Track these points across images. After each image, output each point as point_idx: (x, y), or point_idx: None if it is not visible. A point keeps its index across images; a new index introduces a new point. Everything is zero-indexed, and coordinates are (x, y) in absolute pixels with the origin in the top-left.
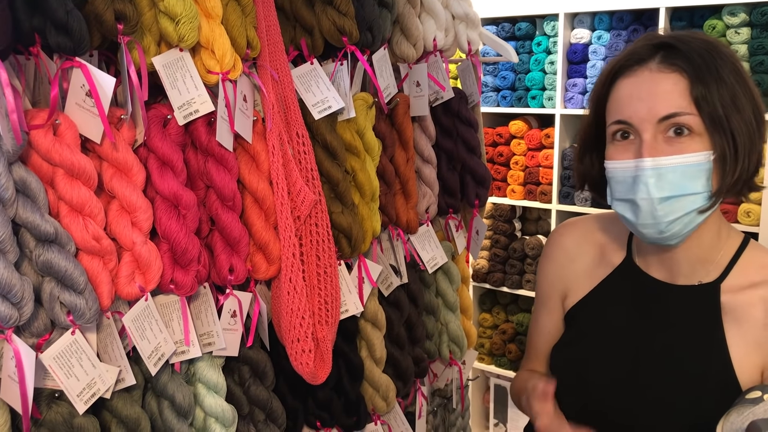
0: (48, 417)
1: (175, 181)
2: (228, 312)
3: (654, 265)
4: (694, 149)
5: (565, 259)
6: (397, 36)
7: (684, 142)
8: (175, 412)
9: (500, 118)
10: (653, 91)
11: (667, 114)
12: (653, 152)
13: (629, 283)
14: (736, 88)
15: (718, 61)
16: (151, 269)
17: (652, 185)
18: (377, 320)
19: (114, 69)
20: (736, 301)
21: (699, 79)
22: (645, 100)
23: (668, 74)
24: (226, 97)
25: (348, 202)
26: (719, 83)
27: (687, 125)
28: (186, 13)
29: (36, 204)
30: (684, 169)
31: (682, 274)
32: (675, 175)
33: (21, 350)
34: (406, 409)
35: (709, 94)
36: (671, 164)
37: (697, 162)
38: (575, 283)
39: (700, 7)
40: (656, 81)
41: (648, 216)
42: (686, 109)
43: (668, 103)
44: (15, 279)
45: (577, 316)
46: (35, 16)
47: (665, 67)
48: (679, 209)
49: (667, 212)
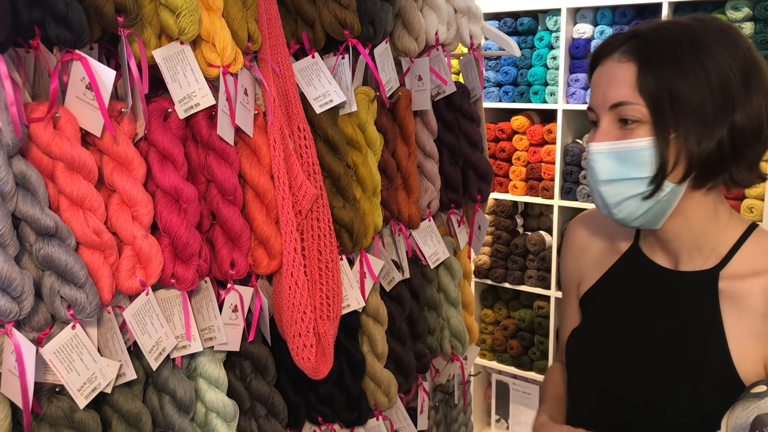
0: (49, 411)
1: (175, 175)
2: (229, 306)
3: (658, 252)
4: (639, 135)
5: (579, 250)
6: (398, 30)
7: (632, 130)
8: (176, 407)
9: (502, 113)
10: (609, 79)
11: (614, 102)
12: (603, 137)
13: (635, 270)
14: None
15: (686, 49)
16: (152, 263)
17: (595, 169)
18: (379, 315)
19: (114, 62)
20: (735, 289)
21: (648, 67)
22: (602, 88)
23: (624, 63)
24: (227, 91)
25: (350, 196)
26: (673, 73)
27: (632, 115)
28: (187, 5)
29: (36, 198)
30: (624, 154)
31: (682, 261)
32: (615, 161)
33: (21, 344)
34: (407, 405)
35: (654, 82)
36: (611, 149)
37: (637, 147)
38: (587, 271)
39: (703, 2)
40: (613, 70)
41: (597, 198)
42: (631, 98)
43: (617, 92)
44: (15, 273)
45: (588, 304)
46: (35, 9)
47: (624, 56)
48: (620, 193)
49: (610, 195)
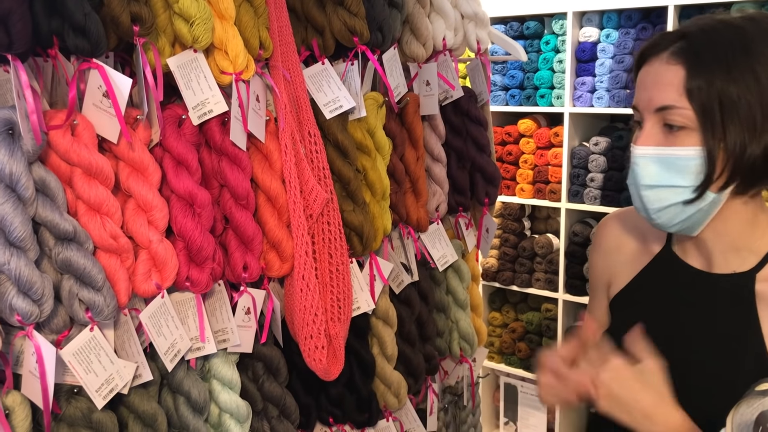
0: (67, 412)
1: (190, 180)
2: (242, 309)
3: (691, 254)
4: (685, 143)
5: (609, 249)
6: (406, 36)
7: (677, 135)
8: (191, 408)
9: (509, 116)
10: (656, 81)
11: (660, 106)
12: (647, 141)
13: (667, 272)
14: (746, 76)
15: (737, 54)
16: (167, 267)
17: (638, 173)
18: (388, 318)
19: (129, 70)
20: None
21: (698, 72)
22: (648, 89)
23: (672, 66)
24: (239, 97)
25: (359, 200)
26: (723, 78)
27: (678, 120)
28: (200, 14)
29: (55, 203)
30: (670, 160)
31: (716, 263)
32: (660, 166)
33: (42, 346)
34: (417, 406)
35: (704, 88)
36: (656, 154)
37: (684, 156)
38: (618, 272)
39: (709, 5)
40: (660, 72)
41: (638, 201)
42: (677, 102)
43: (663, 95)
44: (36, 276)
45: (619, 305)
46: (53, 19)
47: (673, 58)
48: (663, 199)
49: (652, 200)
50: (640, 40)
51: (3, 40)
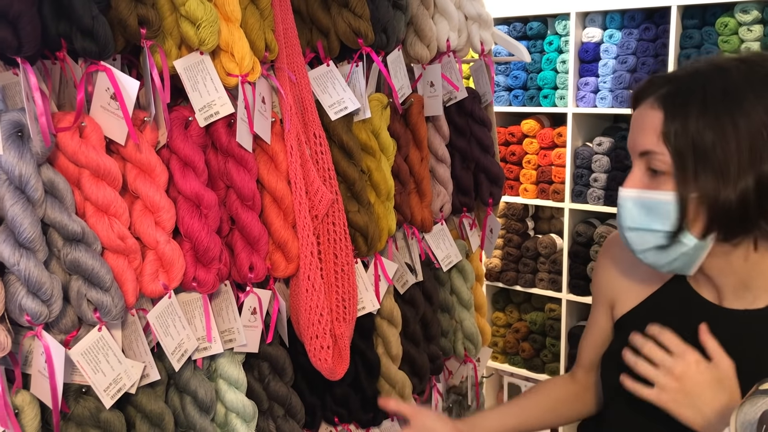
0: (76, 411)
1: (196, 182)
2: (248, 309)
3: (703, 286)
4: (665, 188)
5: (619, 267)
6: (411, 37)
7: (659, 180)
8: (198, 408)
9: (512, 117)
10: (640, 125)
11: (641, 150)
12: (632, 183)
13: (679, 300)
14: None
15: (716, 99)
16: (174, 267)
17: (623, 214)
18: (393, 318)
19: (136, 72)
20: None
21: (674, 116)
22: (634, 133)
23: (654, 111)
24: (245, 99)
25: (364, 201)
26: (699, 122)
27: (658, 165)
28: (206, 17)
29: (64, 204)
30: (650, 204)
31: (727, 299)
32: (641, 210)
33: (51, 346)
34: (421, 406)
35: (679, 133)
36: (638, 198)
37: (662, 200)
38: (625, 293)
39: (712, 5)
40: (644, 116)
41: (624, 242)
42: (656, 147)
43: (644, 140)
44: (45, 277)
45: (626, 326)
46: (62, 22)
47: (656, 103)
48: (645, 242)
49: (636, 242)
50: (643, 41)
51: (12, 42)
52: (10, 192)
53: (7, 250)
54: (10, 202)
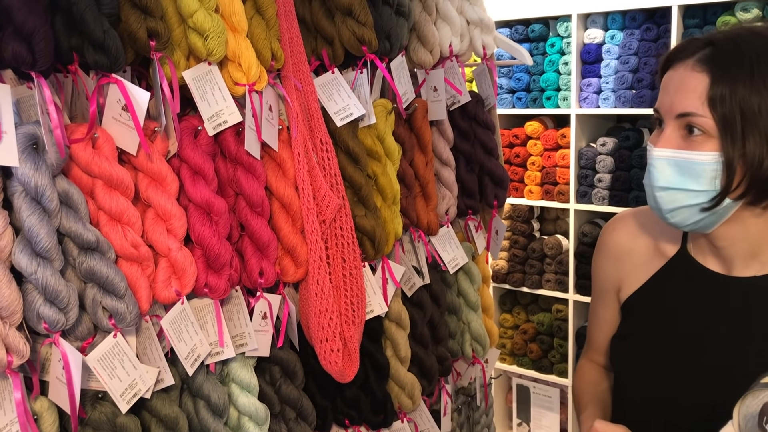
0: (93, 417)
1: (206, 189)
2: (259, 314)
3: (709, 256)
4: (704, 148)
5: (619, 253)
6: (413, 43)
7: (696, 141)
8: (211, 412)
9: (516, 119)
10: (679, 87)
11: (681, 112)
12: (666, 144)
13: (685, 274)
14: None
15: (762, 64)
16: (186, 274)
17: (654, 174)
18: (401, 320)
19: (145, 83)
20: None
21: (721, 80)
22: (671, 94)
23: (697, 73)
24: (252, 108)
25: (371, 205)
26: (747, 87)
27: (698, 126)
28: (214, 28)
29: (78, 214)
30: (686, 164)
31: (736, 267)
32: (675, 169)
33: (68, 353)
34: (431, 407)
35: (727, 97)
36: (673, 157)
37: (701, 161)
38: (630, 275)
39: (712, 4)
40: (684, 78)
41: (652, 201)
42: (699, 110)
43: (685, 102)
44: (61, 285)
45: (634, 308)
46: (74, 36)
47: (698, 65)
48: (676, 201)
49: (666, 202)
50: (645, 41)
51: (27, 58)
52: (27, 203)
53: (25, 260)
54: (27, 212)
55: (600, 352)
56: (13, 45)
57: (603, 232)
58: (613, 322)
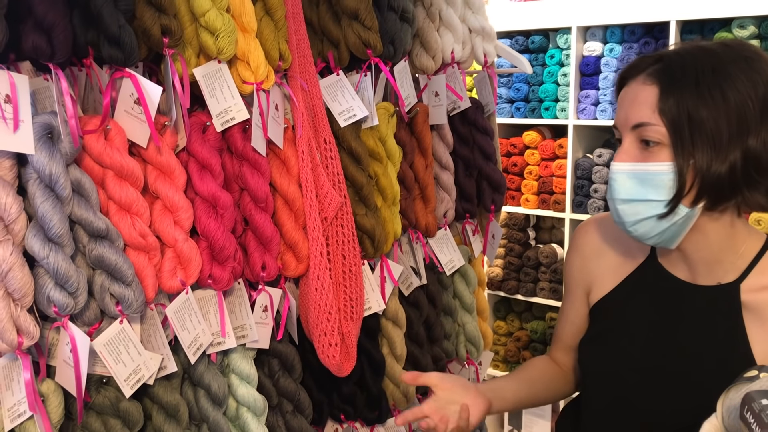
0: (97, 400)
1: (213, 183)
2: (260, 307)
3: (675, 264)
4: (659, 159)
5: (591, 254)
6: (417, 49)
7: (652, 152)
8: (211, 401)
9: (514, 128)
10: (632, 100)
11: (635, 123)
12: (625, 157)
13: (653, 281)
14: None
15: (707, 74)
16: (191, 265)
17: (615, 187)
18: (398, 319)
19: (156, 79)
20: (757, 300)
21: (670, 90)
22: (625, 108)
23: (648, 86)
24: (260, 106)
25: (371, 204)
26: (693, 96)
27: (652, 136)
28: (225, 27)
29: (89, 203)
30: (644, 176)
31: (700, 275)
32: (634, 181)
33: (76, 336)
34: None
35: (674, 105)
36: (631, 170)
37: (657, 171)
38: (600, 278)
39: (710, 20)
40: (636, 92)
41: (615, 215)
42: (651, 119)
43: (638, 113)
44: (72, 271)
45: (602, 311)
46: (90, 31)
47: (649, 79)
48: (638, 213)
49: (628, 214)
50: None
51: (46, 50)
52: (41, 190)
53: (38, 245)
54: (41, 199)
55: (562, 351)
56: (33, 37)
57: (576, 232)
58: (580, 324)
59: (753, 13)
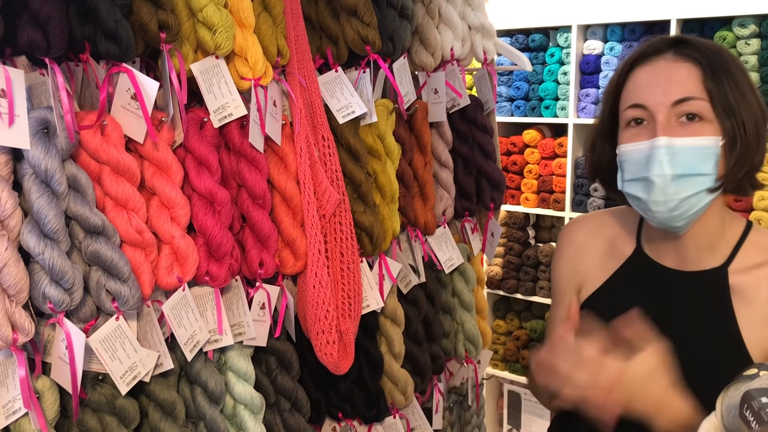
0: (92, 398)
1: (210, 180)
2: (257, 304)
3: (663, 254)
4: (704, 133)
5: (577, 254)
6: (416, 45)
7: (695, 127)
8: (208, 399)
9: (514, 127)
10: (670, 76)
11: (681, 98)
12: (667, 133)
13: (641, 273)
14: (744, 84)
15: (728, 60)
16: (188, 261)
17: (666, 162)
18: (396, 317)
19: (153, 74)
20: (743, 282)
21: (711, 70)
22: (661, 84)
23: (683, 63)
24: (257, 102)
25: (370, 202)
26: (729, 77)
27: (698, 111)
28: (222, 23)
29: (85, 198)
30: (696, 150)
31: (690, 261)
32: (687, 155)
33: (72, 333)
34: (423, 405)
35: (720, 85)
36: (684, 144)
37: (708, 145)
38: (588, 275)
39: (710, 19)
40: (672, 68)
41: (660, 193)
42: (699, 95)
43: (683, 88)
44: (67, 267)
45: (593, 308)
46: (86, 26)
47: (681, 57)
48: (689, 188)
49: (678, 190)
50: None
51: (42, 44)
52: (36, 185)
53: (33, 240)
54: (36, 194)
55: None
56: (29, 31)
57: (562, 232)
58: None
59: (753, 11)
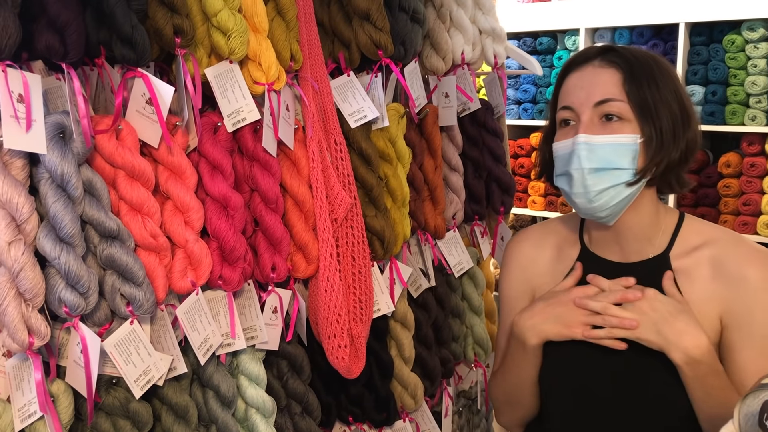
0: (107, 401)
1: (224, 184)
2: (270, 308)
3: (607, 249)
4: (623, 132)
5: (527, 262)
6: (427, 50)
7: (614, 126)
8: (220, 402)
9: (522, 130)
10: (593, 81)
11: (600, 99)
12: (587, 131)
13: (589, 270)
14: (666, 88)
15: (653, 67)
16: (202, 265)
17: (584, 157)
18: (406, 321)
19: (167, 79)
20: (685, 264)
21: (631, 74)
22: (585, 88)
23: (607, 69)
24: (271, 107)
25: (381, 206)
26: (650, 82)
27: (617, 111)
28: (237, 27)
29: (101, 203)
30: (612, 146)
31: (632, 252)
32: (604, 151)
33: (87, 337)
34: (432, 409)
35: (639, 88)
36: (601, 141)
37: (624, 142)
38: (538, 283)
39: (719, 23)
40: (596, 73)
41: (579, 185)
42: (617, 96)
43: (603, 90)
44: (83, 271)
45: None
46: (102, 31)
47: (605, 63)
48: (605, 181)
49: (595, 182)
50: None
51: (59, 49)
52: (53, 190)
53: (49, 245)
54: (53, 199)
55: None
56: (46, 36)
57: (507, 248)
58: None
59: (763, 15)
